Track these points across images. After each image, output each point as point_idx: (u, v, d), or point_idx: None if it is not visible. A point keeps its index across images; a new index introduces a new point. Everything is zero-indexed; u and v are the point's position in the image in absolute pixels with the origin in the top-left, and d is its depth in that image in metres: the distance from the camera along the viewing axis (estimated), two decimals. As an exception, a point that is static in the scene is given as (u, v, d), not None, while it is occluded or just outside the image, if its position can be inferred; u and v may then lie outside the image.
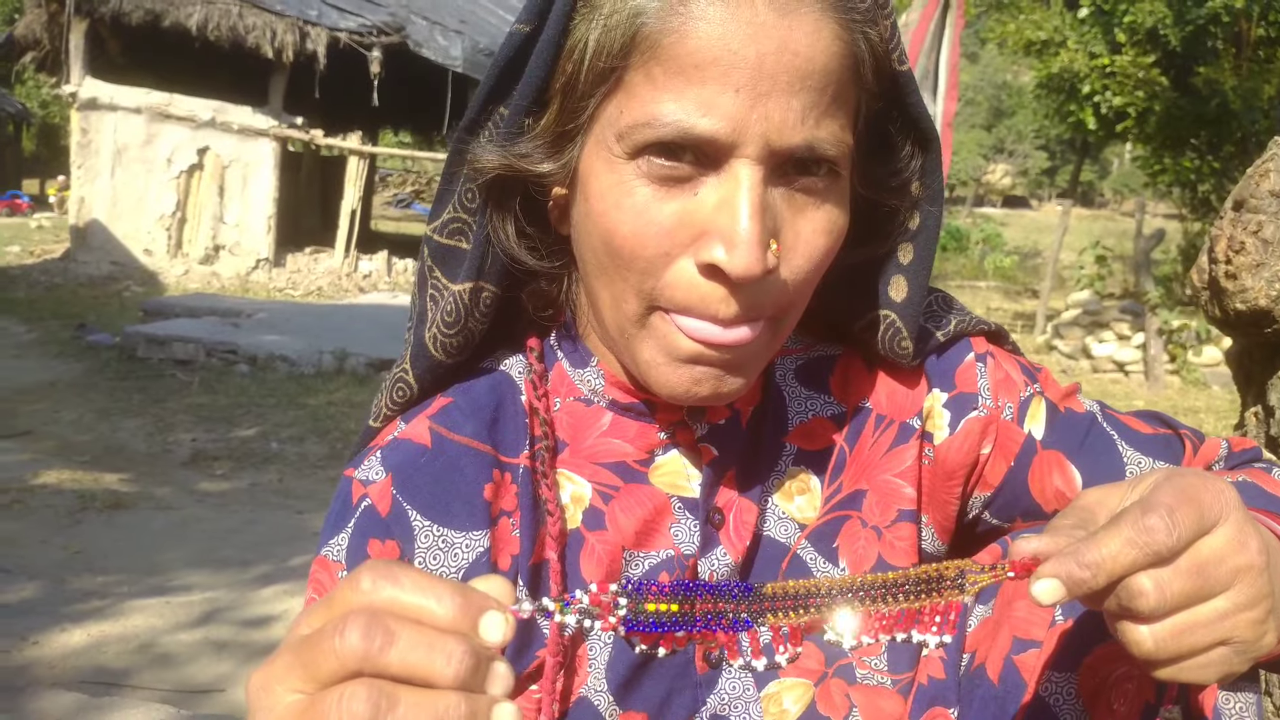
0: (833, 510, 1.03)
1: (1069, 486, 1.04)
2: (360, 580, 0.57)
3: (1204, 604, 0.68)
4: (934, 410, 1.05)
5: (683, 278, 0.84)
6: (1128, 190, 41.93)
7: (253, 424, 7.62)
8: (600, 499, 0.98)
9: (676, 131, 0.79)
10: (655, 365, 0.88)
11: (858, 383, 1.06)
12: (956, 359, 1.07)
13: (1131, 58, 14.24)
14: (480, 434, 0.97)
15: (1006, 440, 1.05)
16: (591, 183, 0.85)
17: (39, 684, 3.52)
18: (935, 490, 1.05)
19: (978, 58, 48.99)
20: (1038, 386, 1.07)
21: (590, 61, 0.83)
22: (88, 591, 4.47)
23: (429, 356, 0.98)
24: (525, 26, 0.87)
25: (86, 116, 15.00)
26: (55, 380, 8.76)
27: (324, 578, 0.94)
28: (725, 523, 0.99)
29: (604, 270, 0.87)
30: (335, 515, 0.96)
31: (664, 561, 0.98)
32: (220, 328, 10.44)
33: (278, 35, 14.56)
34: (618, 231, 0.83)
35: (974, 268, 25.88)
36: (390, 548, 0.92)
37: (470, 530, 0.94)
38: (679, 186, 0.82)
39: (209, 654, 3.92)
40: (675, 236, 0.83)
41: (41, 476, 6.02)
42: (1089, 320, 13.83)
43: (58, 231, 20.44)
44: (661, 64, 0.79)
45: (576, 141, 0.86)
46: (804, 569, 1.01)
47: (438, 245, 0.96)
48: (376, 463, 0.96)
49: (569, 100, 0.85)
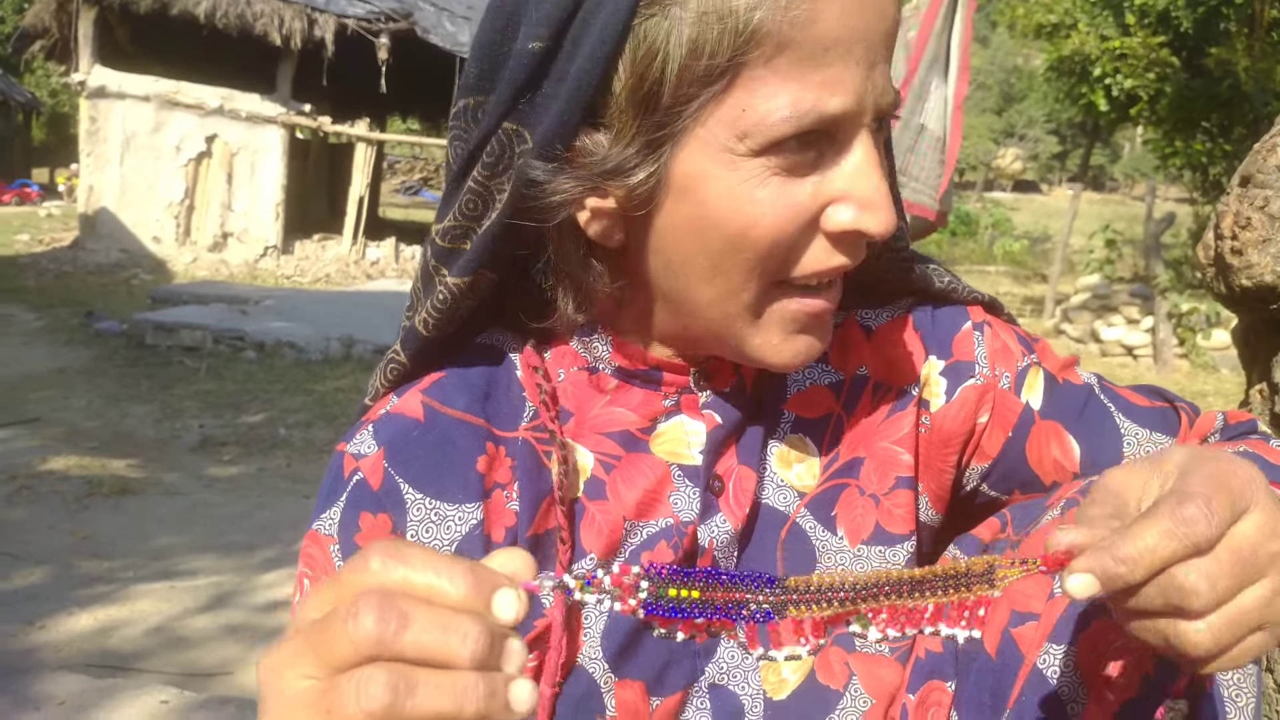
0: (831, 478, 1.02)
1: (1067, 458, 1.04)
2: (369, 560, 0.56)
3: (1246, 592, 0.66)
4: (931, 378, 1.05)
5: (816, 249, 0.85)
6: (1139, 174, 41.81)
7: (260, 410, 7.63)
8: (602, 469, 0.98)
9: (815, 119, 0.79)
10: (769, 345, 0.89)
11: (855, 350, 1.06)
12: (953, 327, 1.06)
13: (1142, 39, 14.18)
14: (473, 407, 0.96)
15: (1004, 410, 1.04)
16: (705, 186, 0.82)
17: (45, 666, 3.53)
18: (931, 458, 1.05)
19: (988, 41, 48.83)
20: (1034, 357, 1.07)
21: (685, 63, 0.78)
22: (95, 576, 4.48)
23: (419, 337, 0.97)
24: (539, 44, 0.82)
25: (95, 105, 15.01)
26: (64, 367, 8.77)
27: (316, 552, 0.93)
28: (725, 490, 0.99)
29: (719, 269, 0.85)
30: (327, 489, 0.95)
31: (663, 530, 0.97)
32: (228, 315, 10.45)
33: (285, 22, 14.54)
34: (758, 224, 0.82)
35: (983, 252, 25.82)
36: (382, 521, 0.92)
37: (464, 503, 0.93)
38: (809, 169, 0.82)
39: (216, 638, 3.94)
40: (811, 214, 0.83)
41: (49, 463, 6.03)
42: (1098, 304, 13.80)
43: (67, 220, 20.48)
44: (787, 54, 0.77)
45: (665, 148, 0.82)
46: (803, 537, 1.00)
47: (441, 249, 0.94)
48: (368, 436, 0.95)
49: (651, 108, 0.81)
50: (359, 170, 16.13)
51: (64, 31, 15.21)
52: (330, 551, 0.93)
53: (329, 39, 14.61)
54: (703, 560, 0.97)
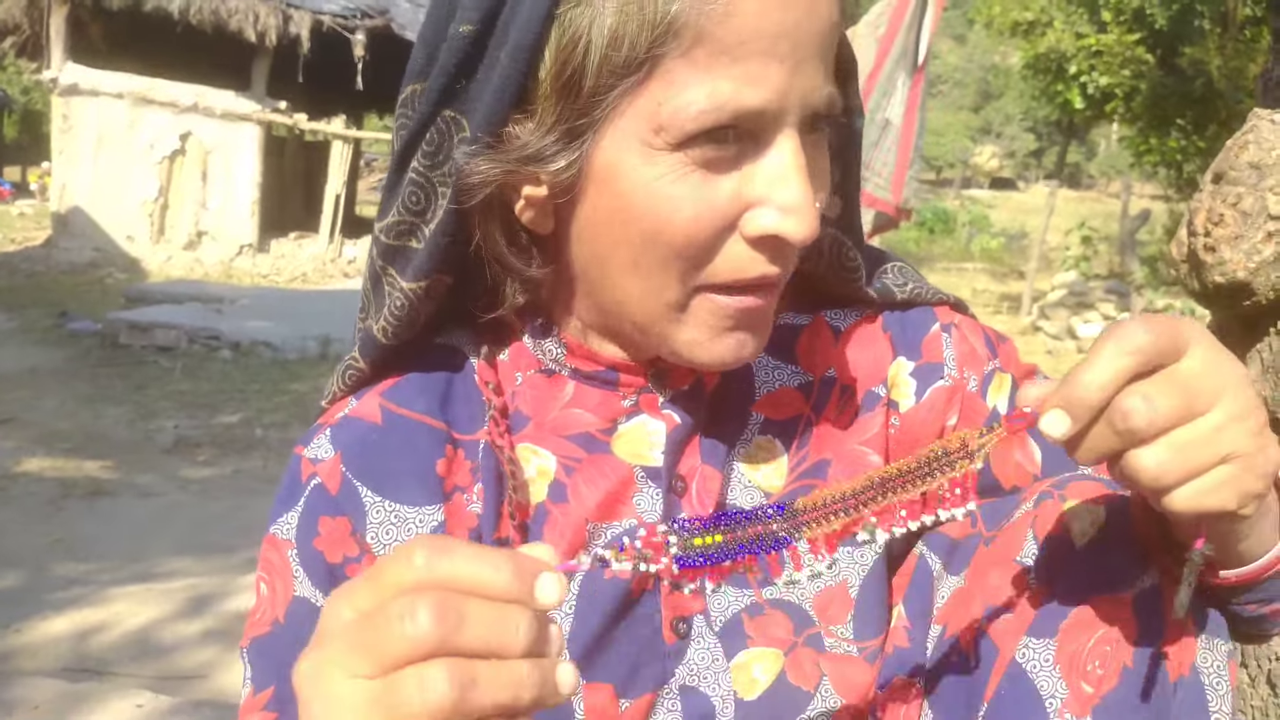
0: (799, 479, 1.02)
1: (1029, 461, 1.04)
2: (413, 556, 0.57)
3: (1196, 420, 0.69)
4: (900, 378, 1.05)
5: (734, 254, 0.83)
6: (1114, 171, 42.06)
7: (236, 410, 7.60)
8: (564, 472, 0.97)
9: (732, 112, 0.78)
10: (697, 343, 0.88)
11: (823, 352, 1.05)
12: (922, 329, 1.06)
13: (1118, 37, 14.27)
14: (432, 410, 0.96)
15: (971, 412, 1.04)
16: (622, 178, 0.82)
17: (20, 672, 3.50)
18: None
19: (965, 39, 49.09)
20: (999, 362, 1.07)
21: (605, 54, 0.78)
22: (70, 579, 4.45)
23: (377, 344, 0.96)
24: (470, 27, 0.82)
25: (68, 102, 14.92)
26: (36, 368, 8.72)
27: (274, 556, 0.93)
28: (688, 490, 0.98)
29: (639, 264, 0.85)
30: (285, 492, 0.95)
31: (626, 531, 0.97)
32: (203, 314, 10.41)
33: (260, 19, 14.47)
34: (672, 221, 0.81)
35: (961, 250, 25.92)
36: (341, 524, 0.92)
37: (423, 505, 0.93)
38: (727, 167, 0.81)
39: (193, 641, 3.91)
40: (729, 215, 0.82)
41: (23, 464, 5.99)
42: (1074, 301, 13.88)
43: (40, 219, 20.36)
44: (704, 46, 0.77)
45: (586, 137, 0.82)
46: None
47: (386, 246, 0.93)
48: (326, 440, 0.95)
49: (572, 97, 0.81)
50: (335, 168, 16.08)
51: (35, 28, 15.10)
52: (288, 556, 0.92)
53: (305, 36, 14.55)
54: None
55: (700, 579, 0.73)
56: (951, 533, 1.01)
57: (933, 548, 1.02)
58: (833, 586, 1.00)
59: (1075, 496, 0.91)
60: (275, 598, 0.92)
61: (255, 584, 0.95)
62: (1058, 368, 11.86)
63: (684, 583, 0.84)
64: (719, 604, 0.99)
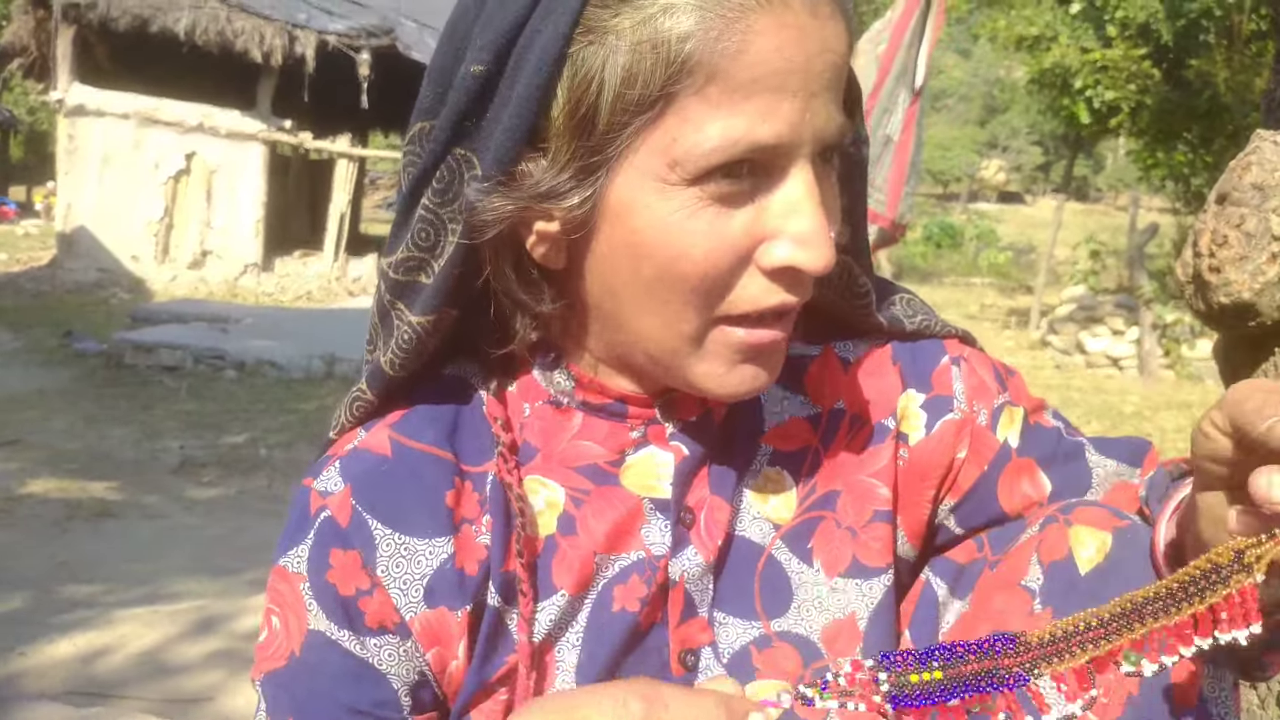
0: (807, 511, 1.01)
1: (1037, 492, 1.03)
2: (628, 705, 0.61)
3: None
4: (910, 411, 1.04)
5: (751, 286, 0.84)
6: (1122, 185, 42.02)
7: (241, 430, 7.61)
8: (573, 504, 0.97)
9: (746, 147, 0.78)
10: (713, 375, 0.88)
11: (833, 383, 1.05)
12: (932, 361, 1.06)
13: (1123, 51, 14.28)
14: (440, 441, 0.96)
15: (981, 446, 1.03)
16: (637, 214, 0.82)
17: (25, 695, 3.50)
18: (909, 492, 1.04)
19: (970, 54, 49.18)
20: (1009, 395, 1.06)
21: (619, 90, 0.79)
22: (75, 601, 4.45)
23: (385, 376, 0.96)
24: (481, 68, 0.83)
25: (74, 123, 14.98)
26: (42, 388, 8.74)
27: (285, 589, 0.93)
28: (696, 522, 0.98)
29: (655, 297, 0.85)
30: (294, 526, 0.95)
31: (635, 563, 0.96)
32: (208, 334, 10.43)
33: (266, 39, 14.53)
34: (688, 256, 0.81)
35: (968, 264, 25.95)
36: (352, 557, 0.91)
37: (433, 537, 0.93)
38: (742, 201, 0.82)
39: (198, 663, 3.91)
40: (743, 248, 0.82)
41: (29, 485, 6.00)
42: (1083, 315, 13.87)
43: (45, 239, 20.43)
44: (718, 83, 0.77)
45: (599, 174, 0.82)
46: (779, 569, 1.00)
47: (394, 281, 0.94)
48: (335, 473, 0.95)
49: (586, 134, 0.81)
50: (340, 187, 16.12)
51: (42, 49, 15.20)
52: (300, 590, 0.92)
53: (310, 55, 14.61)
54: (674, 593, 0.97)
55: (929, 717, 0.68)
56: (958, 558, 1.01)
57: (939, 573, 1.02)
58: (841, 619, 1.00)
59: (1081, 523, 0.90)
60: (289, 631, 0.92)
61: (265, 615, 0.95)
62: (1067, 382, 11.84)
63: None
64: (727, 636, 0.98)
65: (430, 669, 0.93)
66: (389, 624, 0.92)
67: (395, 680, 0.92)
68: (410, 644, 0.92)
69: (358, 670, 0.91)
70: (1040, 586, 0.90)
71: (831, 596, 1.00)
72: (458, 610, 0.92)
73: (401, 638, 0.92)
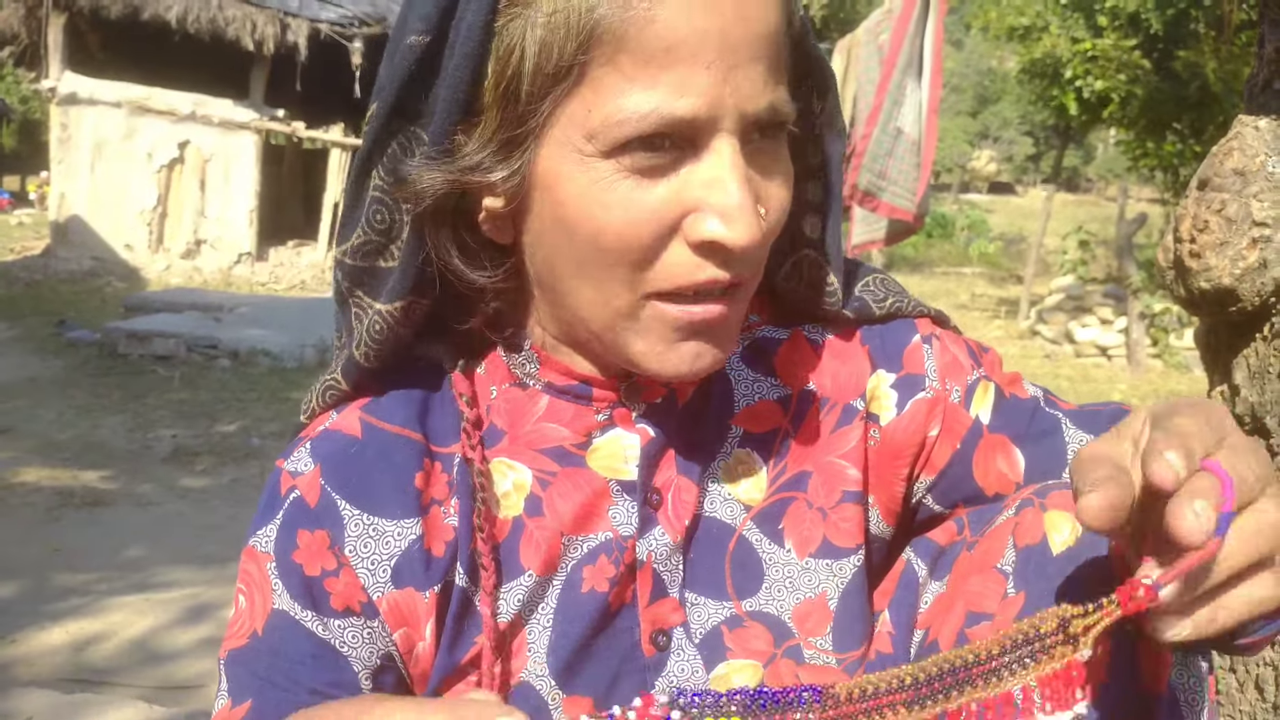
0: (778, 492, 1.02)
1: (1012, 470, 1.03)
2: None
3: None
4: (880, 391, 1.04)
5: (678, 260, 0.83)
6: (1111, 175, 42.04)
7: (234, 419, 7.60)
8: (540, 485, 0.97)
9: (658, 121, 0.78)
10: (653, 353, 0.88)
11: (802, 365, 1.05)
12: (903, 340, 1.06)
13: (1113, 41, 14.25)
14: (411, 423, 0.97)
15: (953, 423, 1.04)
16: (561, 186, 0.83)
17: (17, 682, 3.50)
18: (882, 471, 1.04)
19: (962, 44, 49.02)
20: (983, 370, 1.06)
21: (537, 62, 0.80)
22: (67, 589, 4.45)
23: (358, 368, 0.97)
24: (422, 38, 0.84)
25: (66, 111, 14.93)
26: (35, 377, 8.71)
27: (253, 569, 0.94)
28: (663, 503, 0.98)
29: (585, 270, 0.85)
30: (264, 506, 0.96)
31: (602, 544, 0.97)
32: (202, 323, 10.40)
33: (258, 27, 14.49)
34: (608, 228, 0.82)
35: (959, 254, 25.93)
36: (320, 537, 0.92)
37: (402, 518, 0.93)
38: (662, 173, 0.81)
39: (190, 651, 3.91)
40: (664, 221, 0.82)
41: (20, 474, 5.99)
42: (1072, 305, 13.89)
43: (38, 228, 20.36)
44: (629, 54, 0.77)
45: (527, 146, 0.83)
46: (750, 550, 1.00)
47: (351, 268, 0.94)
48: (306, 454, 0.96)
49: (510, 105, 0.82)
50: (334, 176, 16.08)
51: (33, 37, 15.12)
52: (267, 569, 0.93)
53: (302, 44, 14.57)
54: (642, 574, 0.97)
55: None
56: (939, 539, 1.01)
57: (919, 553, 1.02)
58: (812, 599, 1.00)
59: (1056, 506, 0.90)
60: (254, 610, 0.93)
61: (235, 595, 0.95)
62: (1056, 371, 11.86)
63: None
64: (699, 616, 0.99)
65: (397, 650, 0.94)
66: (355, 605, 0.92)
67: (357, 663, 0.92)
68: (377, 624, 0.92)
69: (318, 651, 0.92)
70: (1014, 569, 0.90)
71: (802, 576, 1.01)
72: (425, 591, 0.93)
73: (368, 618, 0.92)
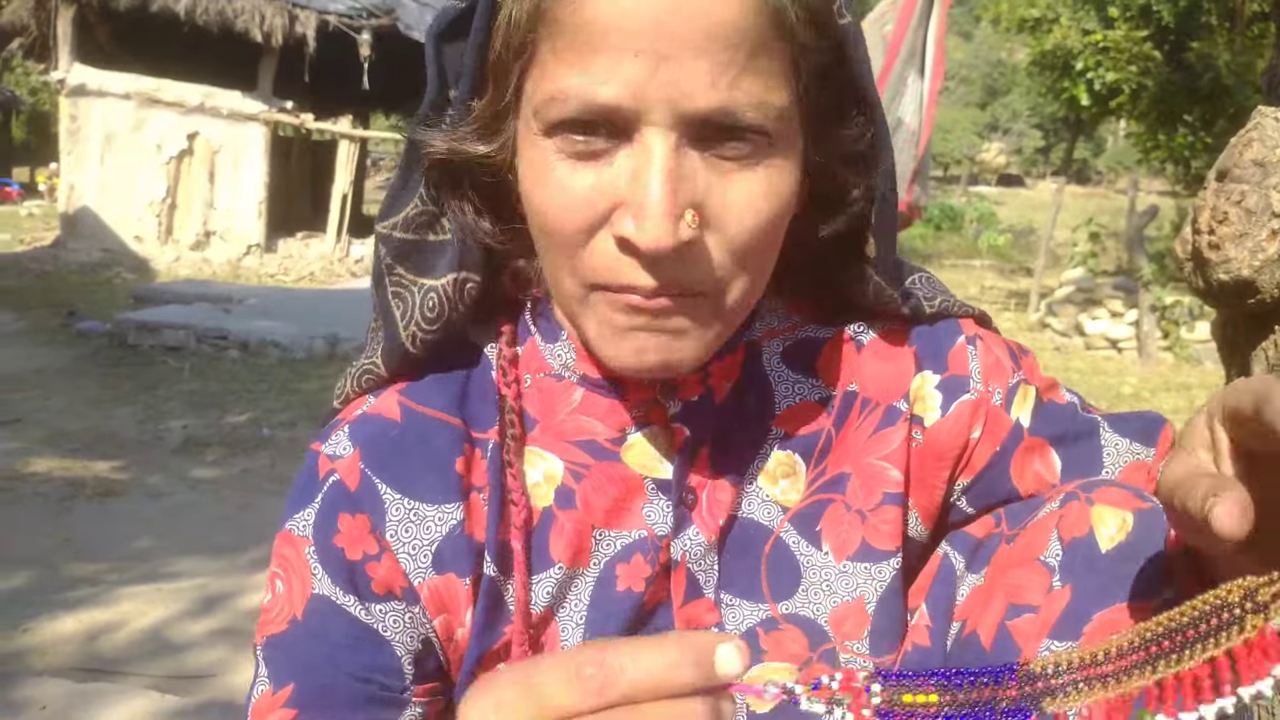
0: (816, 493, 1.00)
1: (1049, 472, 1.02)
2: (585, 678, 0.50)
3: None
4: (924, 392, 1.03)
5: (603, 252, 0.81)
6: (1121, 167, 41.90)
7: (244, 410, 7.61)
8: (572, 477, 0.96)
9: (580, 105, 0.77)
10: (601, 339, 0.86)
11: (845, 366, 1.04)
12: (948, 341, 1.04)
13: (1125, 33, 14.22)
14: (450, 408, 0.95)
15: (995, 426, 1.02)
16: (521, 161, 0.84)
17: (29, 672, 3.52)
18: (924, 474, 1.02)
19: (972, 36, 48.94)
20: (1023, 374, 1.05)
21: (506, 36, 0.80)
22: (79, 579, 4.47)
23: (405, 352, 0.95)
24: (460, 2, 0.85)
25: (75, 103, 14.95)
26: (45, 368, 8.73)
27: (290, 553, 0.92)
28: (698, 502, 0.97)
29: (544, 248, 0.86)
30: (301, 489, 0.94)
31: (636, 542, 0.96)
32: (211, 314, 10.42)
33: (266, 19, 14.49)
34: (544, 209, 0.82)
35: (968, 246, 25.91)
36: (361, 521, 0.91)
37: (443, 503, 0.92)
38: (595, 159, 0.79)
39: (201, 640, 3.93)
40: (595, 210, 0.80)
41: (31, 464, 6.01)
42: (1082, 298, 13.86)
43: (48, 219, 20.41)
44: (565, 36, 0.76)
45: (510, 120, 0.84)
46: (787, 552, 0.99)
47: (400, 241, 0.93)
48: (344, 437, 0.94)
49: (500, 78, 0.83)
50: (342, 168, 16.10)
51: (43, 29, 15.14)
52: (305, 554, 0.91)
53: (310, 35, 14.56)
54: (676, 574, 0.96)
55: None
56: (975, 533, 1.00)
57: (956, 546, 1.01)
58: (850, 602, 0.99)
59: (1104, 501, 0.89)
60: (292, 594, 0.91)
61: (269, 580, 0.93)
62: (1066, 364, 11.84)
63: None
64: (734, 618, 0.97)
65: (437, 636, 0.92)
66: (396, 589, 0.91)
67: (399, 647, 0.91)
68: (418, 610, 0.91)
69: (361, 635, 0.90)
70: (1060, 562, 0.88)
71: (840, 580, 0.99)
72: (465, 578, 0.92)
73: (409, 603, 0.91)
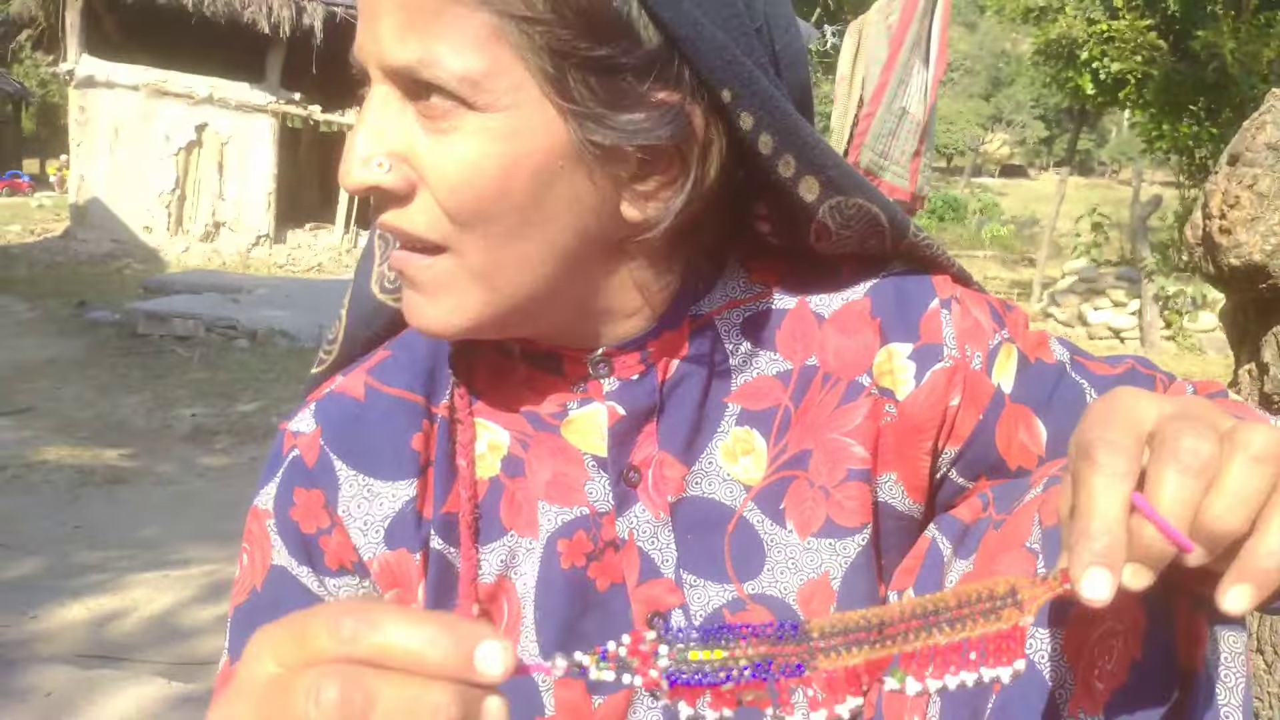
0: (779, 470, 0.98)
1: (1034, 442, 1.00)
2: (341, 623, 0.51)
3: None
4: (894, 364, 1.00)
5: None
6: (1125, 158, 41.86)
7: (253, 399, 7.63)
8: (519, 446, 0.96)
9: (354, 61, 0.86)
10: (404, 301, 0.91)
11: (805, 339, 1.01)
12: (919, 307, 1.00)
13: (1130, 22, 14.15)
14: (413, 385, 0.96)
15: (975, 391, 0.99)
16: None
17: (37, 658, 3.53)
18: (903, 447, 1.00)
19: (976, 26, 48.81)
20: (1006, 333, 1.02)
21: None
22: (88, 566, 4.48)
23: (371, 298, 1.00)
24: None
25: (84, 94, 14.96)
26: (56, 357, 8.76)
27: (255, 527, 0.94)
28: (643, 480, 0.96)
29: None
30: (268, 466, 0.96)
31: (579, 519, 0.95)
32: (221, 304, 10.44)
33: (274, 10, 14.48)
34: None
35: (971, 237, 25.89)
36: (315, 496, 0.93)
37: (396, 480, 0.93)
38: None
39: (209, 627, 3.93)
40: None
41: (42, 453, 6.02)
42: (1085, 287, 13.84)
43: (58, 210, 20.43)
44: None
45: None
46: (751, 531, 0.97)
47: None
48: (309, 415, 0.96)
49: None
50: (349, 159, 16.07)
51: (51, 20, 15.15)
52: (266, 526, 0.93)
53: (318, 27, 14.56)
54: (627, 552, 0.95)
55: (700, 700, 0.62)
56: (963, 517, 0.98)
57: (944, 531, 0.98)
58: (815, 579, 0.97)
59: None
60: (254, 567, 0.94)
61: (239, 555, 0.96)
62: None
63: (678, 704, 0.65)
64: (699, 599, 0.96)
65: None
66: (348, 563, 0.93)
67: None
68: (369, 585, 0.93)
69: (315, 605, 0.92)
70: (1042, 548, 0.86)
71: (805, 556, 0.97)
72: (416, 553, 0.93)
73: (360, 578, 0.93)
